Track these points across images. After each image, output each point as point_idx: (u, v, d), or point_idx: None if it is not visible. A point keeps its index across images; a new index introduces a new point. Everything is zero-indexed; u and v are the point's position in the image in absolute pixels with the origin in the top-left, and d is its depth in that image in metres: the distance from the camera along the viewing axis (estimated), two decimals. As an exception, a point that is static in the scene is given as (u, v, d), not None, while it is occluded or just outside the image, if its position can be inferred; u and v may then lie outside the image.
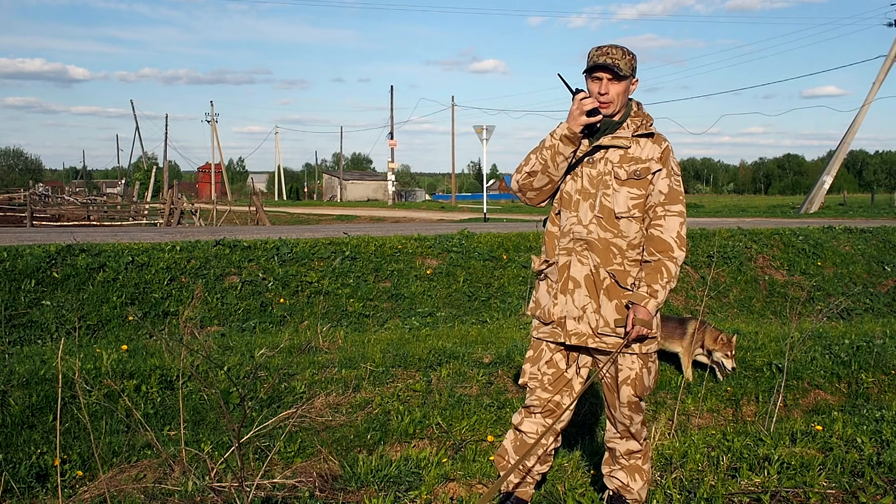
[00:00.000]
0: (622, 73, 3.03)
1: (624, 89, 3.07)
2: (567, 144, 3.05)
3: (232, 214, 34.03)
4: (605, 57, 3.03)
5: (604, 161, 3.11)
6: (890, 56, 28.48)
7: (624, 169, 3.08)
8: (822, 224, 15.80)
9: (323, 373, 5.83)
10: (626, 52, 3.06)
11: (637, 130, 3.12)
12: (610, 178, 3.09)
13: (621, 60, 3.03)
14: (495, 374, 5.95)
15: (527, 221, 19.72)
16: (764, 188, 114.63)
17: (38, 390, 5.08)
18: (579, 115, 3.01)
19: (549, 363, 3.24)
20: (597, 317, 3.11)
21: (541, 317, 3.25)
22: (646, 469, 3.34)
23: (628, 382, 3.16)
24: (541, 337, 3.26)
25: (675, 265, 3.07)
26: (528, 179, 3.17)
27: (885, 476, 3.75)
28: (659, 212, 3.08)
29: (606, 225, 3.09)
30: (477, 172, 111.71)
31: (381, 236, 11.15)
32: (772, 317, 10.71)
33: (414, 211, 39.04)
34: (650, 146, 3.10)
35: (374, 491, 3.66)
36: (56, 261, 8.50)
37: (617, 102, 3.07)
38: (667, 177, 3.09)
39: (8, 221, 30.62)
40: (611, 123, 3.11)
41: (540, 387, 3.25)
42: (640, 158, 3.09)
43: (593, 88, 3.07)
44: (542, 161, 3.11)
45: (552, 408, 3.25)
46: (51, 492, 4.05)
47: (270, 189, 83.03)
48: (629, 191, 3.08)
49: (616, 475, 3.35)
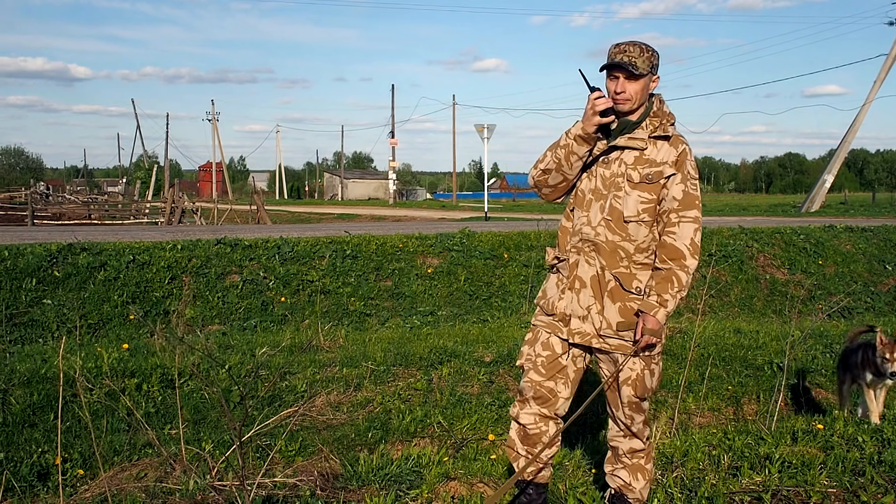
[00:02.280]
0: (638, 72, 2.96)
1: (642, 87, 3.00)
2: (581, 144, 3.02)
3: (233, 213, 34.00)
4: (621, 55, 2.97)
5: (618, 162, 3.06)
6: (891, 55, 28.44)
7: (637, 171, 3.02)
8: (823, 223, 15.80)
9: (324, 372, 5.84)
10: (645, 49, 2.99)
11: (655, 132, 3.05)
12: (622, 180, 3.04)
13: (639, 58, 2.96)
14: (496, 373, 5.95)
15: (528, 220, 19.70)
16: (765, 187, 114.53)
17: (40, 389, 5.08)
18: (593, 116, 2.97)
19: (545, 345, 3.21)
20: (600, 318, 3.09)
21: (545, 307, 3.24)
22: (648, 468, 3.32)
23: (629, 383, 3.13)
24: (538, 325, 3.26)
25: (686, 274, 3.00)
26: (542, 176, 3.16)
27: (887, 475, 3.75)
28: (673, 218, 3.01)
29: (615, 228, 3.04)
30: (478, 171, 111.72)
31: (382, 235, 11.14)
32: (773, 315, 10.70)
33: (415, 210, 39.02)
34: (666, 149, 3.03)
35: (375, 489, 3.66)
36: (57, 260, 8.50)
37: (634, 101, 3.00)
38: (682, 181, 3.01)
39: (9, 220, 30.62)
40: (628, 123, 3.05)
41: (533, 368, 3.21)
42: (655, 161, 3.02)
43: (610, 87, 3.02)
44: (556, 159, 3.09)
45: (545, 393, 3.19)
46: (52, 490, 4.06)
47: (271, 188, 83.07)
48: (640, 195, 3.02)
49: (618, 474, 3.32)
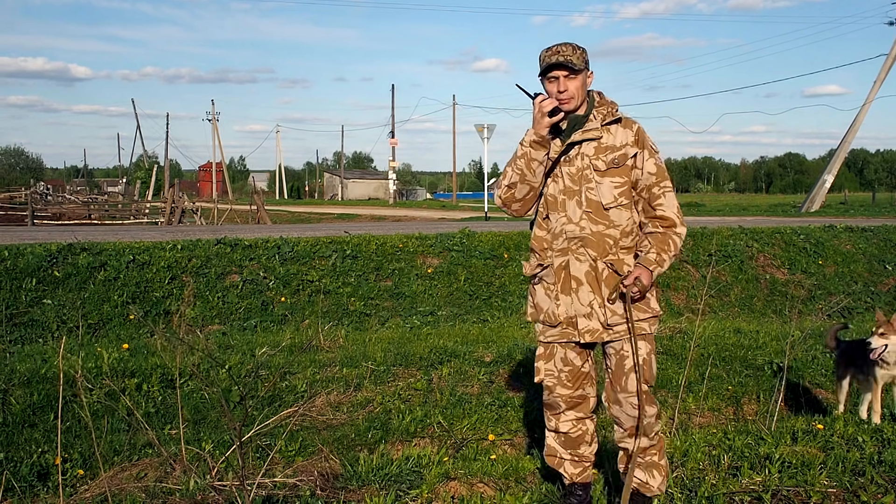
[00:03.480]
0: (577, 68, 3.06)
1: (581, 83, 3.11)
2: (538, 149, 3.09)
3: (233, 213, 34.01)
4: (556, 56, 3.07)
5: (580, 156, 3.14)
6: (891, 55, 28.44)
7: (601, 160, 3.12)
8: (823, 223, 15.80)
9: (324, 372, 5.84)
10: (576, 47, 3.10)
11: (605, 119, 3.15)
12: (590, 171, 3.13)
13: (573, 56, 3.07)
14: (496, 373, 5.95)
15: (527, 220, 19.69)
16: (765, 187, 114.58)
17: (40, 389, 5.08)
18: (542, 118, 3.06)
19: (565, 360, 3.25)
20: (604, 310, 3.13)
21: (546, 321, 3.25)
22: (663, 464, 3.33)
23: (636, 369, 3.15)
24: (551, 340, 3.26)
25: (679, 240, 3.14)
26: (509, 192, 3.20)
27: (887, 475, 3.75)
28: (656, 191, 3.14)
29: (597, 218, 3.13)
30: (478, 171, 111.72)
31: (382, 235, 11.14)
32: (773, 315, 10.70)
33: (415, 210, 39.03)
34: (621, 132, 3.15)
35: (375, 490, 3.66)
36: (57, 260, 8.50)
37: (577, 97, 3.11)
38: (651, 156, 3.15)
39: (9, 220, 30.63)
40: (577, 119, 3.15)
41: (558, 384, 3.26)
42: (615, 146, 3.13)
43: (551, 89, 3.12)
44: (518, 171, 3.15)
45: (577, 401, 3.28)
46: (52, 490, 4.05)
47: (271, 188, 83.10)
48: (612, 180, 3.12)
49: (634, 474, 3.29)
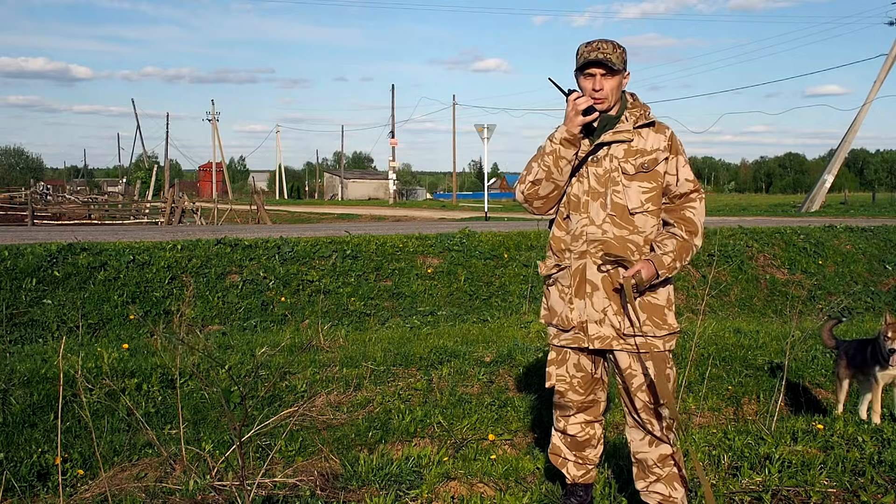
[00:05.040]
0: (615, 67, 2.96)
1: (617, 84, 3.00)
2: (568, 147, 2.98)
3: (233, 213, 34.02)
4: (596, 52, 2.96)
5: (608, 158, 3.03)
6: (891, 55, 28.43)
7: (630, 163, 3.01)
8: (823, 223, 15.80)
9: (324, 371, 5.83)
10: (617, 45, 3.00)
11: (637, 122, 3.04)
12: (618, 174, 3.01)
13: (613, 54, 2.96)
14: (496, 373, 5.95)
15: (528, 220, 19.70)
16: (765, 187, 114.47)
17: (40, 389, 5.08)
18: (575, 116, 2.95)
19: (577, 367, 3.17)
20: (619, 318, 3.02)
21: (559, 324, 3.16)
22: (683, 475, 3.15)
23: (643, 389, 3.04)
24: (563, 345, 3.17)
25: (695, 251, 3.06)
26: (532, 189, 3.08)
27: (887, 475, 3.75)
28: (693, 196, 3.04)
29: (621, 222, 3.01)
30: (478, 171, 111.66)
31: (382, 235, 11.14)
32: (773, 315, 10.70)
33: (415, 210, 39.03)
34: (653, 136, 3.03)
35: (375, 490, 3.66)
36: (57, 259, 8.50)
37: (612, 97, 3.01)
38: (685, 163, 3.04)
39: (9, 220, 30.62)
40: (609, 119, 3.05)
41: (570, 389, 3.19)
42: (646, 150, 3.01)
43: (587, 86, 3.01)
44: (544, 168, 3.03)
45: (588, 405, 3.22)
46: (52, 490, 4.05)
47: (271, 188, 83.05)
48: (640, 185, 3.00)
49: (655, 489, 3.14)
